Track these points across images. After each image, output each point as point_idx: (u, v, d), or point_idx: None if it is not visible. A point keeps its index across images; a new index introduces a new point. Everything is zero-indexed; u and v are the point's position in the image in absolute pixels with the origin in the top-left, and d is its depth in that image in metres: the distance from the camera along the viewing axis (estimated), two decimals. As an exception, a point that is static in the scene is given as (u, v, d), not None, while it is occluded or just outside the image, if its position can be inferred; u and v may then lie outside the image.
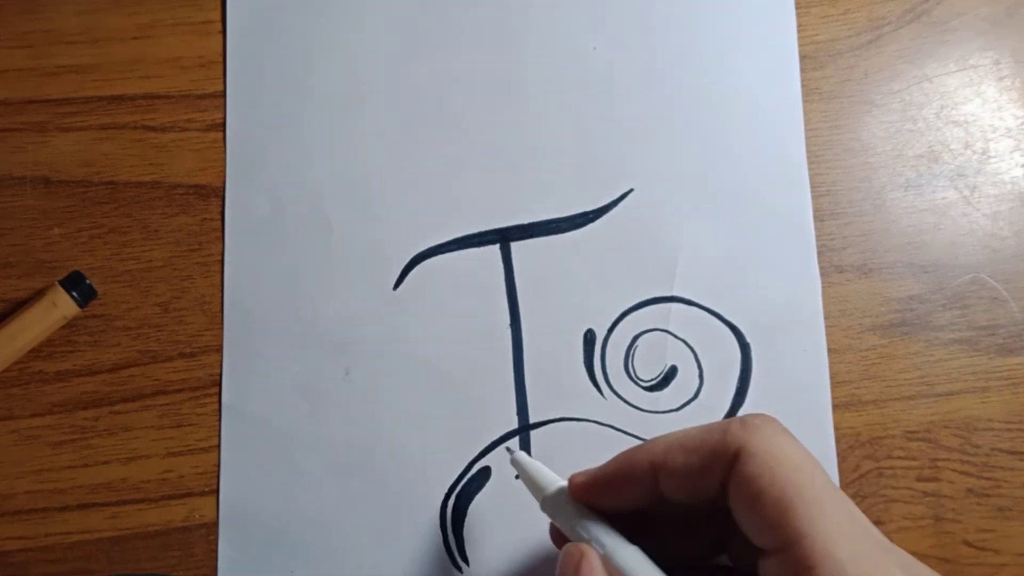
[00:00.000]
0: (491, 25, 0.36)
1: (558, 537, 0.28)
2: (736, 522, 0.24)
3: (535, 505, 0.27)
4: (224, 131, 0.35)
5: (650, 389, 0.33)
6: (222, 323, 0.33)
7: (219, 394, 0.33)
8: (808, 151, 0.35)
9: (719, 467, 0.24)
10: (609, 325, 0.34)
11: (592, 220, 0.34)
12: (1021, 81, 0.36)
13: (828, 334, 0.34)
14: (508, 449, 0.32)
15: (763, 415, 0.24)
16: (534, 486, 0.28)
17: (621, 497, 0.26)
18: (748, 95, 0.35)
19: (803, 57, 0.36)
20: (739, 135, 0.35)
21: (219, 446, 0.33)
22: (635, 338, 0.33)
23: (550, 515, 0.27)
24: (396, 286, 0.34)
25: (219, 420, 0.33)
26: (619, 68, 0.35)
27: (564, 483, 0.27)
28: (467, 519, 0.32)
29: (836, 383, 0.33)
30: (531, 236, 0.34)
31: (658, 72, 0.35)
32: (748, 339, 0.33)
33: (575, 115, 0.35)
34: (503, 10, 0.36)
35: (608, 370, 0.33)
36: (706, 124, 0.35)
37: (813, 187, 0.35)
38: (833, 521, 0.22)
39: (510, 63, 0.35)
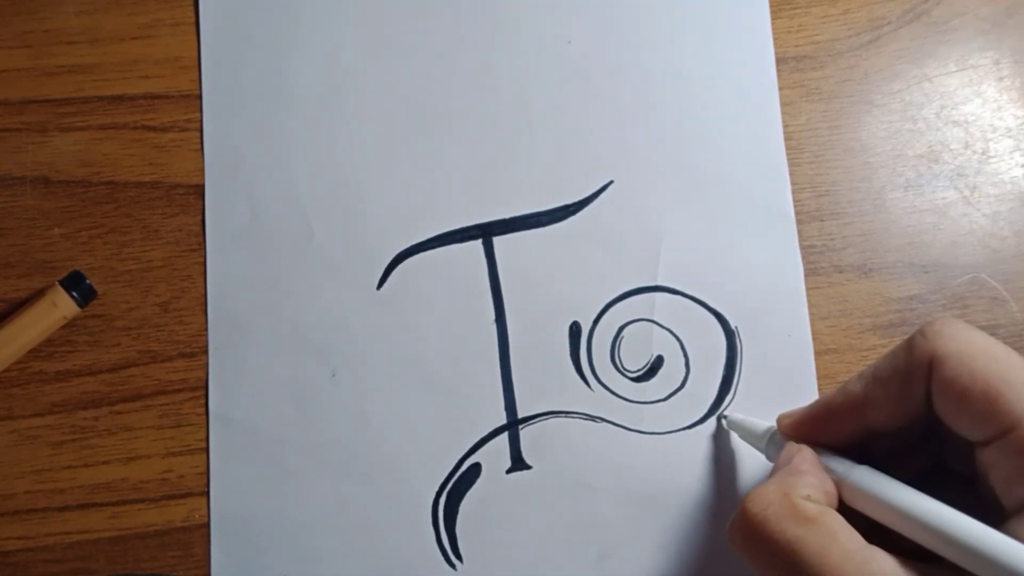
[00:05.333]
0: (467, 21, 0.36)
1: None
2: (948, 428, 0.24)
3: (529, 500, 0.27)
4: (201, 134, 0.35)
5: (637, 379, 0.33)
6: (206, 329, 0.33)
7: (206, 399, 0.33)
8: (808, 151, 0.35)
9: (918, 384, 0.24)
10: (594, 317, 0.34)
11: (573, 213, 0.34)
12: (1021, 81, 0.36)
13: (828, 335, 0.34)
14: (722, 417, 0.33)
15: (943, 318, 0.25)
16: (752, 436, 0.30)
17: (830, 436, 0.26)
18: (724, 83, 0.35)
19: (803, 57, 0.36)
20: (717, 123, 0.35)
21: (207, 452, 0.32)
22: (620, 329, 0.34)
23: (773, 459, 0.28)
24: (380, 285, 0.34)
25: (206, 426, 0.33)
26: (594, 60, 0.35)
27: (774, 426, 0.29)
28: (459, 516, 0.32)
29: (837, 383, 0.33)
30: (513, 230, 0.34)
31: (633, 63, 0.35)
32: (733, 326, 0.34)
33: (552, 109, 0.35)
34: (479, 6, 0.36)
35: (595, 362, 0.33)
36: (683, 114, 0.35)
37: (813, 187, 0.35)
38: None
39: (486, 58, 0.35)
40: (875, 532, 0.23)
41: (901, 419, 0.25)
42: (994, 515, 0.23)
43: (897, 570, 0.22)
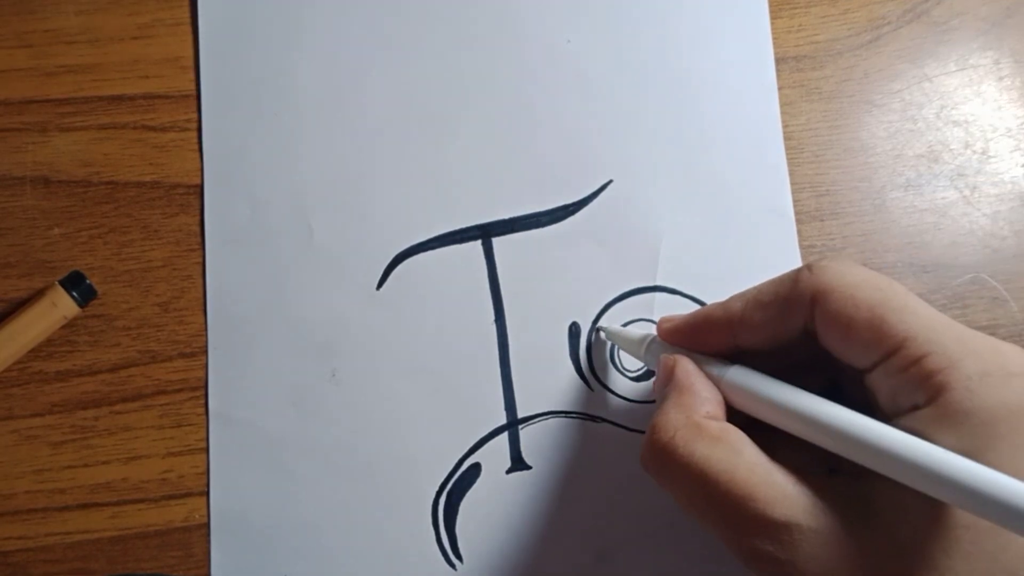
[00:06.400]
0: (466, 21, 0.36)
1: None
2: (836, 359, 0.25)
3: (529, 500, 0.28)
4: (199, 134, 0.35)
5: (637, 379, 0.33)
6: (206, 329, 0.33)
7: (206, 399, 0.33)
8: (808, 151, 0.35)
9: (798, 315, 0.25)
10: (594, 317, 0.34)
11: (573, 213, 0.34)
12: (1021, 81, 0.36)
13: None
14: (598, 329, 0.33)
15: (829, 256, 0.25)
16: (629, 344, 0.31)
17: (706, 344, 0.28)
18: (724, 83, 0.35)
19: (803, 57, 0.36)
20: (716, 123, 0.35)
21: (207, 451, 0.33)
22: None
23: (652, 365, 0.29)
24: (379, 285, 0.34)
25: (206, 426, 0.33)
26: (594, 60, 0.35)
27: (653, 332, 0.30)
28: (459, 516, 0.32)
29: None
30: (512, 231, 0.34)
31: (633, 62, 0.35)
32: None
33: (552, 108, 0.35)
34: (479, 6, 0.36)
35: (594, 362, 0.33)
36: (683, 113, 0.35)
37: (813, 187, 0.35)
38: (928, 317, 0.23)
39: (486, 58, 0.35)
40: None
41: (769, 343, 0.26)
42: None
43: (797, 483, 0.23)
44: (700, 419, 0.25)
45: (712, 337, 0.27)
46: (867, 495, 0.22)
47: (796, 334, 0.25)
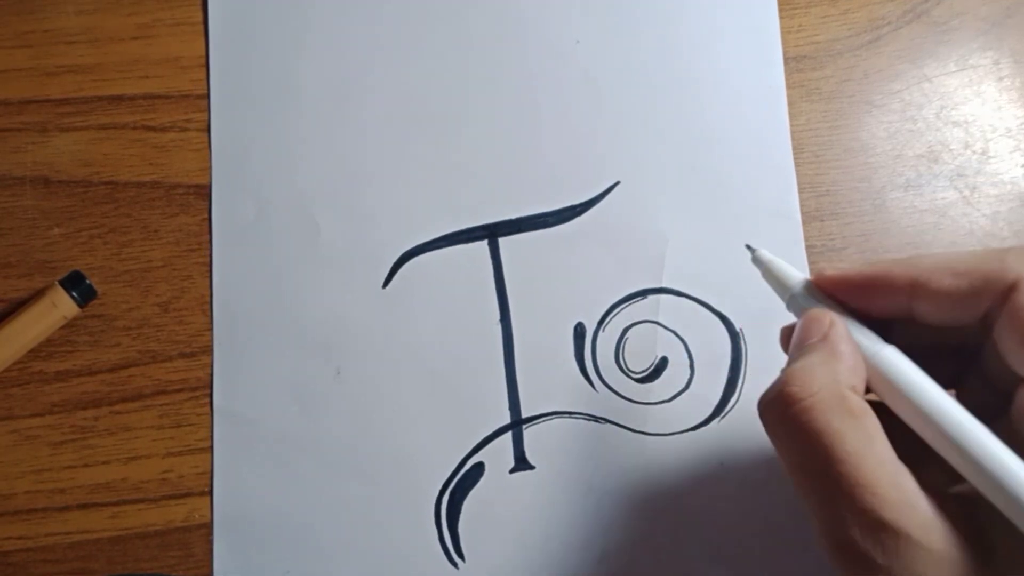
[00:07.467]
0: (475, 21, 0.36)
1: (789, 340, 0.26)
2: (1000, 351, 0.23)
3: (532, 500, 0.27)
4: (208, 133, 0.35)
5: (641, 381, 0.33)
6: (212, 326, 0.33)
7: (210, 397, 0.33)
8: (808, 151, 0.35)
9: (989, 295, 0.23)
10: (599, 318, 0.34)
11: (579, 214, 0.34)
12: (1021, 81, 0.36)
13: (828, 334, 0.34)
14: (749, 247, 0.28)
15: None
16: (778, 283, 0.27)
17: (869, 304, 0.25)
18: (732, 85, 0.35)
19: (803, 57, 0.36)
20: (723, 125, 0.35)
21: (211, 449, 0.32)
22: (625, 330, 0.34)
23: (797, 315, 0.26)
24: (385, 284, 0.34)
25: (210, 423, 0.33)
26: (603, 61, 0.35)
27: (808, 278, 0.26)
28: (461, 516, 0.32)
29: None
30: (519, 231, 0.34)
31: (642, 64, 0.35)
32: (738, 327, 0.34)
33: (560, 109, 0.35)
34: (487, 6, 0.36)
35: (599, 363, 0.33)
36: (690, 115, 0.35)
37: (813, 187, 0.35)
38: None
39: (494, 58, 0.35)
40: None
41: (949, 320, 0.24)
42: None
43: (922, 494, 0.21)
44: (846, 390, 0.22)
45: (885, 298, 0.24)
46: (987, 529, 0.21)
47: (974, 319, 0.23)
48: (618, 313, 0.34)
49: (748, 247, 0.28)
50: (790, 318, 0.30)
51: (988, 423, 0.22)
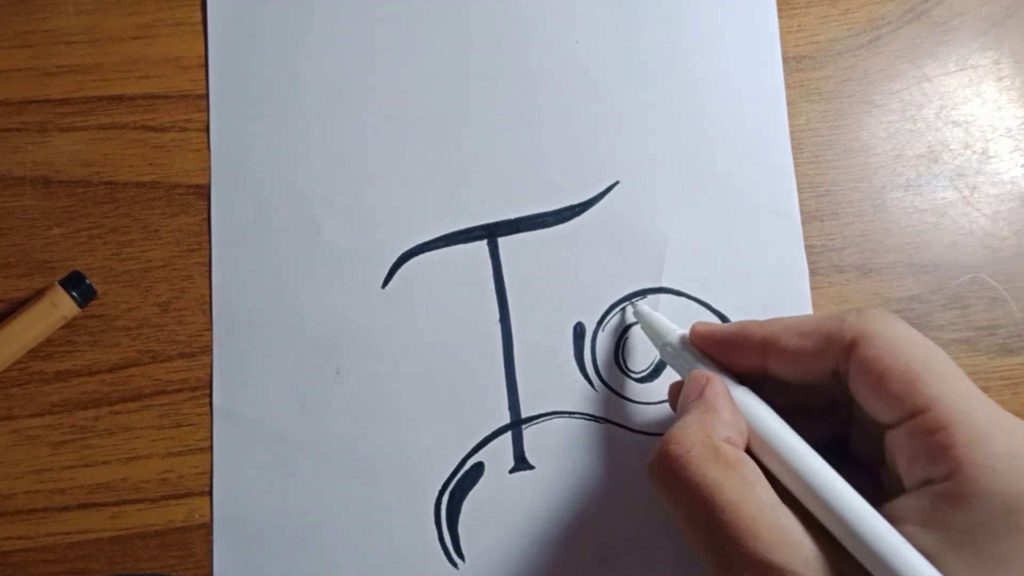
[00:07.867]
0: (474, 21, 0.36)
1: (676, 397, 0.29)
2: (859, 405, 0.24)
3: (531, 500, 0.28)
4: (208, 133, 0.35)
5: (641, 380, 0.33)
6: (212, 326, 0.33)
7: (210, 397, 0.33)
8: (808, 151, 0.35)
9: (833, 353, 0.25)
10: (599, 318, 0.34)
11: (579, 213, 0.34)
12: (1021, 81, 0.36)
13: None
14: (632, 303, 0.33)
15: (878, 308, 0.25)
16: (654, 333, 0.31)
17: (732, 360, 0.27)
18: (732, 85, 0.35)
19: (803, 57, 0.36)
20: (723, 124, 0.35)
21: (211, 449, 0.32)
22: (625, 330, 0.34)
23: (669, 361, 0.30)
24: (385, 284, 0.34)
25: (210, 423, 0.33)
26: (602, 61, 0.35)
27: (683, 331, 0.30)
28: (461, 516, 0.32)
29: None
30: (518, 231, 0.34)
31: (641, 63, 0.35)
32: None
33: (559, 109, 0.35)
34: (486, 6, 0.36)
35: (599, 362, 0.33)
36: (690, 115, 0.35)
37: (813, 187, 0.35)
38: (963, 388, 0.22)
39: (493, 58, 0.35)
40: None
41: (797, 376, 0.26)
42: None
43: (803, 532, 0.22)
44: (719, 442, 0.24)
45: (743, 354, 0.27)
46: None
47: (824, 376, 0.25)
48: (618, 313, 0.34)
49: (632, 303, 0.33)
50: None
51: (877, 475, 0.25)
